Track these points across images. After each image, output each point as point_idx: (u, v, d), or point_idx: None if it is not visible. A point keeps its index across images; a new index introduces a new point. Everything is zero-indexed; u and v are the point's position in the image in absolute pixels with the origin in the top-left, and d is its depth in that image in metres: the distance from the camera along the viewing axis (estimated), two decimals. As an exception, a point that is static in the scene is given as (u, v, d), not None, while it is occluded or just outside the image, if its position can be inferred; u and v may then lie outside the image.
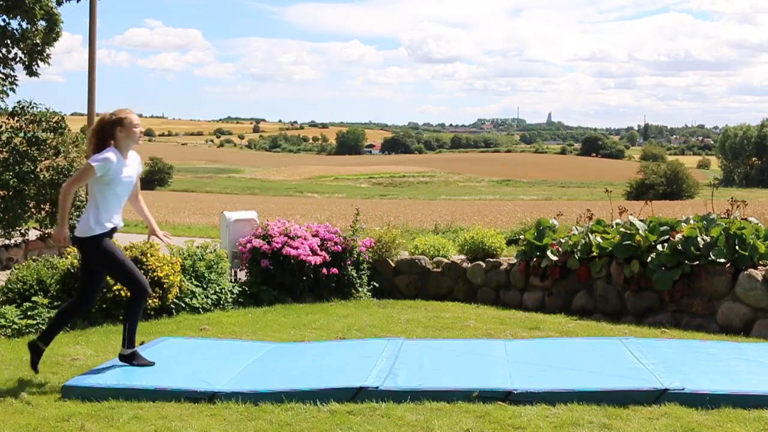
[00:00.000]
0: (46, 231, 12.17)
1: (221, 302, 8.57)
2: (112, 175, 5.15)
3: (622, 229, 8.12)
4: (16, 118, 12.85)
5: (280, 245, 8.98)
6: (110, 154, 5.15)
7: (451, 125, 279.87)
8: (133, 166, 5.37)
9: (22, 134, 12.77)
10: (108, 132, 5.24)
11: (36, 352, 5.35)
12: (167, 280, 8.06)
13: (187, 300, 8.31)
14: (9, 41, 13.12)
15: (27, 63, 13.38)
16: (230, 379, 5.03)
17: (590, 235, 8.41)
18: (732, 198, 8.54)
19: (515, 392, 4.54)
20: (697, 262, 7.41)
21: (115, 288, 7.77)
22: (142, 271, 8.02)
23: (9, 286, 7.92)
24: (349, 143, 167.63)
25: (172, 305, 8.15)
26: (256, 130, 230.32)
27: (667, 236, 7.81)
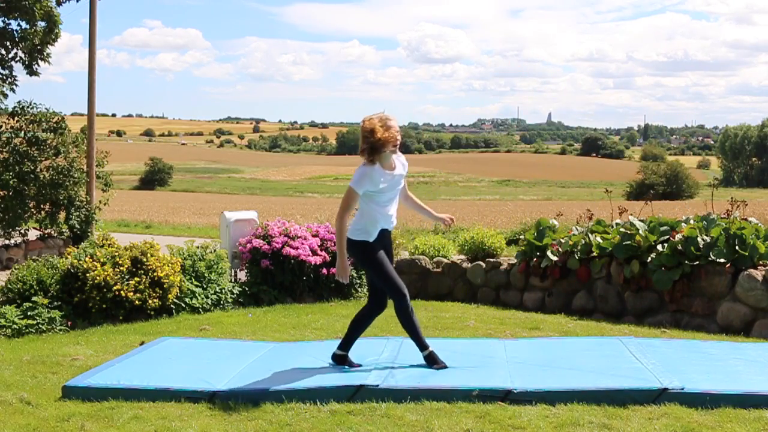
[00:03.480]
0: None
1: (221, 302, 8.58)
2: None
3: (622, 229, 8.11)
4: (16, 118, 12.87)
5: (280, 245, 8.98)
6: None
7: (451, 125, 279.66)
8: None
9: (22, 134, 12.78)
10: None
11: (340, 359, 5.29)
12: (167, 280, 8.07)
13: (187, 300, 8.31)
14: (9, 42, 13.12)
15: (27, 63, 13.39)
16: (230, 378, 5.03)
17: (590, 235, 8.41)
18: (732, 198, 8.53)
19: (515, 392, 4.54)
20: (697, 262, 7.40)
21: (115, 288, 7.77)
22: (142, 272, 8.03)
23: (9, 286, 7.93)
24: (350, 143, 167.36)
25: (172, 305, 8.15)
26: (256, 130, 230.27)
27: (667, 236, 7.81)
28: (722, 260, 7.31)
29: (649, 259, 7.67)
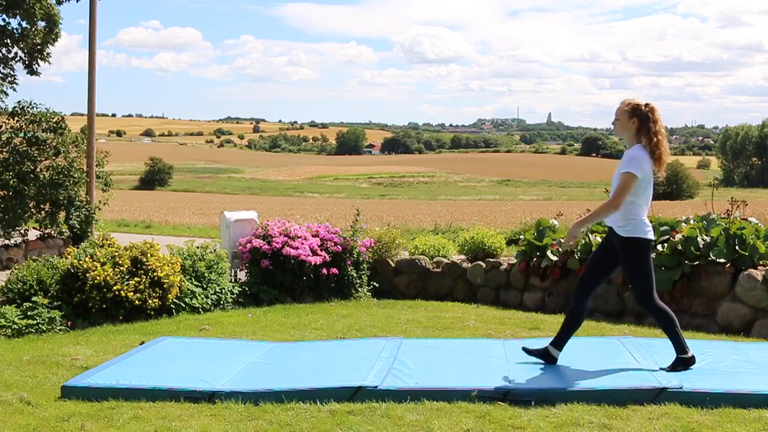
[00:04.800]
0: None
1: (221, 302, 8.57)
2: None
3: (622, 229, 8.10)
4: (16, 118, 12.86)
5: (280, 245, 8.98)
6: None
7: (451, 125, 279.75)
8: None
9: (22, 134, 12.78)
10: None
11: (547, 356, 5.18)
12: (167, 280, 8.06)
13: (187, 300, 8.31)
14: (9, 41, 13.12)
15: (27, 62, 13.39)
16: (229, 378, 5.03)
17: (590, 235, 8.41)
18: (732, 198, 8.54)
19: (514, 392, 4.54)
20: (697, 262, 7.40)
21: (115, 288, 7.77)
22: (142, 272, 8.03)
23: (9, 286, 7.93)
24: (349, 143, 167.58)
25: (172, 305, 8.15)
26: (256, 130, 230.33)
27: (667, 236, 7.81)
28: (722, 260, 7.31)
29: (649, 259, 7.66)
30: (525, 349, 5.25)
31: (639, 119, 4.93)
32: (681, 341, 5.02)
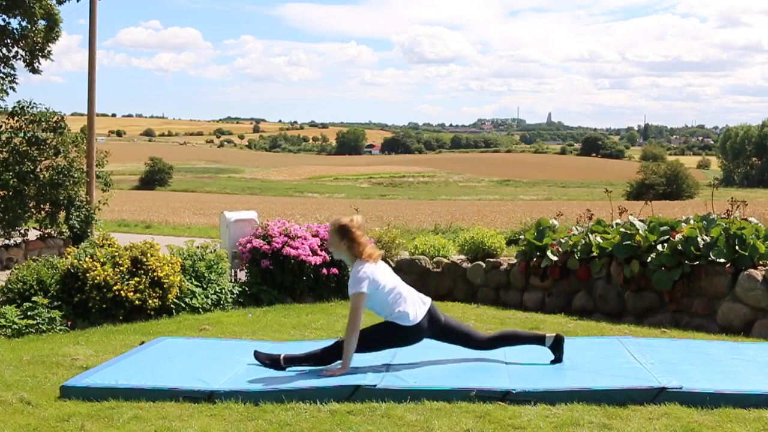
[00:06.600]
0: None
1: (221, 302, 8.57)
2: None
3: (622, 229, 8.11)
4: (16, 118, 12.87)
5: (280, 245, 8.98)
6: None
7: (451, 125, 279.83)
8: None
9: (22, 134, 12.79)
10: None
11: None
12: (167, 280, 8.06)
13: (187, 300, 8.31)
14: (9, 40, 13.13)
15: (28, 61, 13.40)
16: (229, 378, 5.03)
17: (590, 235, 8.41)
18: (732, 198, 8.53)
19: (513, 392, 4.54)
20: (697, 262, 7.40)
21: (115, 288, 7.77)
22: (142, 272, 8.03)
23: (9, 286, 7.93)
24: (349, 143, 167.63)
25: (172, 305, 8.15)
26: (256, 130, 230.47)
27: (667, 236, 7.81)
28: (722, 260, 7.31)
29: (649, 259, 7.67)
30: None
31: (346, 239, 5.23)
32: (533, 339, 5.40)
